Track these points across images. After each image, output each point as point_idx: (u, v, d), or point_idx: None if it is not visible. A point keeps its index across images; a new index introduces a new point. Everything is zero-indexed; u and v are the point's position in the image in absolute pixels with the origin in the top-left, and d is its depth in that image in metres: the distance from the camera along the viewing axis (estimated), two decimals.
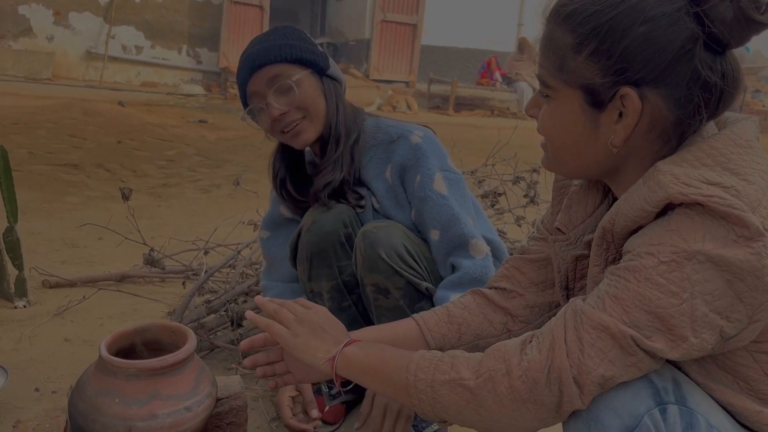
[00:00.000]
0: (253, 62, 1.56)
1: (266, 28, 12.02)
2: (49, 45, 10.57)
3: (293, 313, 1.07)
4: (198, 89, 11.07)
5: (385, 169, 1.63)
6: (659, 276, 0.79)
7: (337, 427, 1.73)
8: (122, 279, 2.73)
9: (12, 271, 2.41)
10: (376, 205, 1.64)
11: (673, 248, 0.78)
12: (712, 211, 0.77)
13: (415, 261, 1.51)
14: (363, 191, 1.65)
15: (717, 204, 0.76)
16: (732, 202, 0.76)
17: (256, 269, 2.58)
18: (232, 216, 3.44)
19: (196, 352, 1.15)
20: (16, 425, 1.17)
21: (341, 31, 15.00)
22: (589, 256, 0.98)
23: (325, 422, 1.72)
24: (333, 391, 1.76)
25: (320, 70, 1.61)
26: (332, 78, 1.64)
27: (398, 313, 1.52)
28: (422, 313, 1.16)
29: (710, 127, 0.89)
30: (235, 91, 10.99)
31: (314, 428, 1.59)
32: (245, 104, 1.62)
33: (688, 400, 0.83)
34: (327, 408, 1.73)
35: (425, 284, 1.51)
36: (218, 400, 1.20)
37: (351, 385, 1.09)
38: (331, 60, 1.66)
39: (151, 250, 2.67)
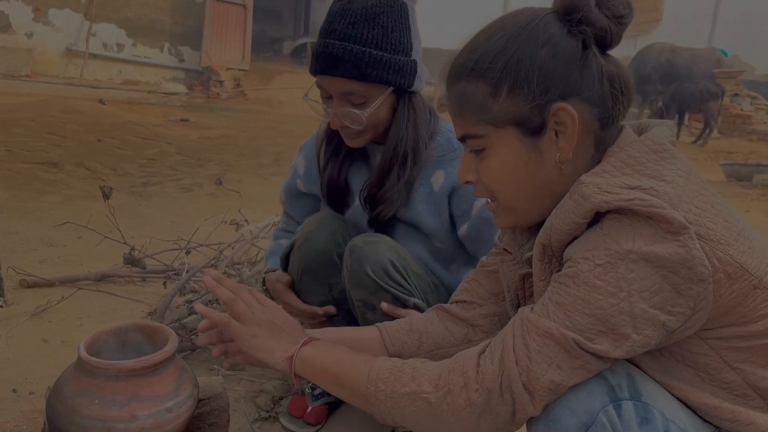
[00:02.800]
0: (332, 63, 1.41)
1: (249, 27, 11.99)
2: (29, 42, 10.43)
3: (249, 308, 1.05)
4: (180, 88, 10.99)
5: (433, 173, 1.54)
6: (596, 278, 0.82)
7: (320, 428, 1.72)
8: (102, 279, 2.70)
9: None
10: (402, 211, 1.55)
11: (606, 251, 0.82)
12: (636, 212, 0.81)
13: (403, 277, 1.48)
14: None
15: (639, 206, 0.80)
16: (652, 202, 0.80)
17: (239, 269, 2.56)
18: (213, 215, 3.42)
19: (178, 353, 1.13)
20: None
21: None
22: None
23: (308, 423, 1.71)
24: (316, 392, 1.76)
25: (403, 89, 1.48)
26: (414, 92, 1.51)
27: None
28: (385, 323, 1.18)
29: (629, 135, 0.94)
30: (218, 90, 10.94)
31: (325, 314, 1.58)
32: (313, 75, 1.49)
33: (643, 395, 0.86)
34: (309, 409, 1.73)
35: (413, 300, 1.48)
36: (200, 401, 1.19)
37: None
38: (419, 66, 1.50)
39: (132, 249, 2.65)
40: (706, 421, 0.91)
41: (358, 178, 1.62)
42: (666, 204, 0.81)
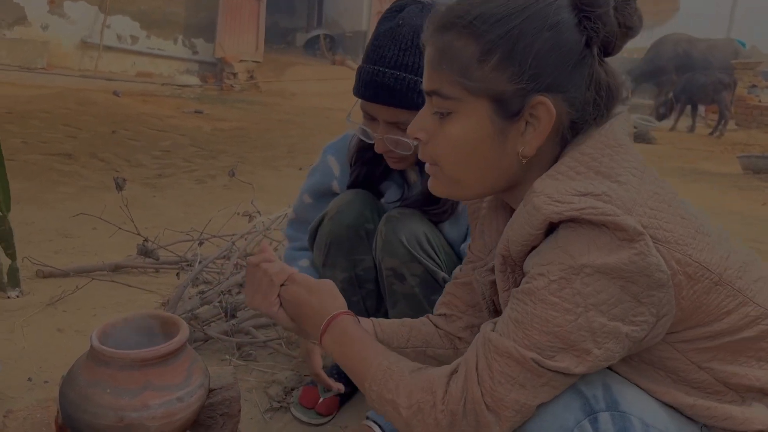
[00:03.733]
0: (382, 92, 1.37)
1: (263, 19, 12.00)
2: (44, 34, 10.50)
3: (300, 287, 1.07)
4: (194, 80, 11.03)
5: None
6: (551, 295, 0.79)
7: (331, 419, 1.73)
8: (116, 269, 2.72)
9: (5, 261, 2.39)
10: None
11: (560, 266, 0.79)
12: (589, 222, 0.78)
13: (434, 251, 1.49)
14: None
15: (591, 215, 0.77)
16: (605, 209, 0.77)
17: None
18: (226, 207, 3.43)
19: (190, 343, 1.14)
20: (7, 415, 1.17)
21: (338, 23, 14.94)
22: None
23: (319, 414, 1.72)
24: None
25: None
26: None
27: (412, 301, 1.51)
28: (381, 319, 1.18)
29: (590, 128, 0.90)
30: (231, 81, 10.96)
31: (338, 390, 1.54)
32: (357, 95, 1.45)
33: (620, 403, 0.83)
34: (321, 400, 1.73)
35: (442, 274, 1.49)
36: (211, 390, 1.20)
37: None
38: None
39: (145, 240, 2.66)
40: (693, 419, 0.90)
41: (392, 192, 1.62)
42: (619, 210, 0.78)
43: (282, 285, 1.07)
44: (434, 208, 1.53)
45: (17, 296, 2.38)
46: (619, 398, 0.84)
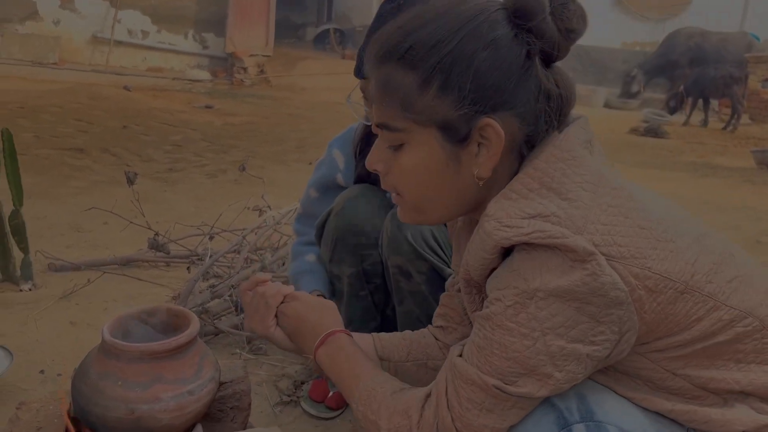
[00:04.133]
0: (366, 50, 1.43)
1: (273, 13, 11.99)
2: (56, 29, 10.56)
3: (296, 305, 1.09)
4: (204, 74, 11.05)
5: None
6: (508, 321, 0.79)
7: (341, 413, 1.73)
8: (127, 263, 2.74)
9: (17, 255, 2.41)
10: None
11: (515, 290, 0.78)
12: (539, 245, 0.77)
13: (441, 247, 1.49)
14: None
15: (539, 239, 0.76)
16: (552, 232, 0.76)
17: (261, 255, 2.58)
18: (237, 201, 3.44)
19: (200, 337, 1.14)
20: (20, 407, 1.18)
21: (348, 17, 14.92)
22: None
23: (329, 408, 1.72)
24: None
25: None
26: None
27: (419, 298, 1.51)
28: (381, 333, 1.19)
29: (548, 138, 0.88)
30: (241, 76, 10.98)
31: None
32: (357, 76, 1.47)
33: (595, 413, 0.82)
34: (330, 394, 1.73)
35: (449, 270, 1.48)
36: (221, 384, 1.20)
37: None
38: None
39: (156, 234, 2.68)
40: (675, 422, 0.88)
41: None
42: (568, 231, 0.76)
43: (282, 302, 1.10)
44: None
45: (30, 289, 2.40)
46: (595, 408, 0.82)
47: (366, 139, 1.63)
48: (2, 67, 8.80)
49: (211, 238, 2.75)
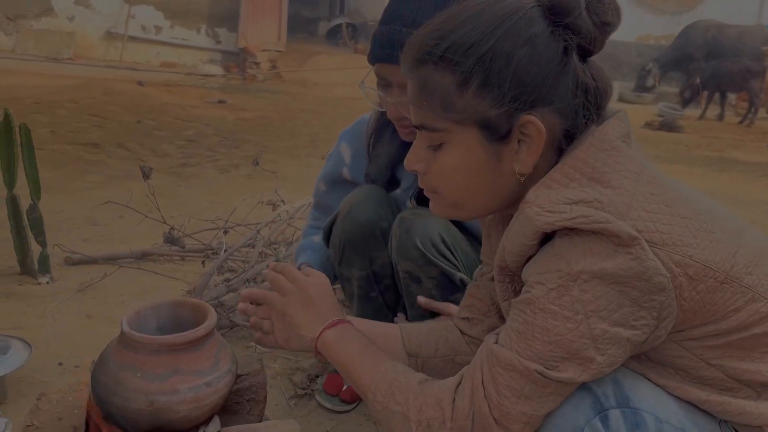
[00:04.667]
0: (395, 49, 1.32)
1: (285, 8, 11.99)
2: (70, 25, 10.62)
3: (291, 280, 1.07)
4: (217, 69, 11.08)
5: None
6: (551, 304, 0.79)
7: (355, 407, 1.74)
8: (143, 257, 2.76)
9: (35, 248, 2.44)
10: None
11: (558, 273, 0.78)
12: (582, 230, 0.77)
13: (451, 252, 1.47)
14: None
15: (583, 224, 0.77)
16: (596, 217, 0.76)
17: (275, 249, 2.59)
18: (251, 196, 3.45)
19: (216, 330, 1.15)
20: (40, 398, 1.19)
21: (360, 12, 14.89)
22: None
23: (343, 401, 1.73)
24: None
25: None
26: None
27: None
28: (406, 324, 1.18)
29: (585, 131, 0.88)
30: (254, 71, 11.00)
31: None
32: (371, 62, 1.43)
33: (631, 400, 0.82)
34: (345, 387, 1.74)
35: (459, 275, 1.47)
36: (238, 376, 1.21)
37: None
38: None
39: (171, 228, 2.70)
40: (709, 413, 0.88)
41: (409, 175, 1.60)
42: (611, 216, 0.77)
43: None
44: None
45: (47, 282, 2.43)
46: (631, 394, 0.83)
47: (378, 133, 1.61)
48: (18, 63, 8.87)
49: (225, 232, 2.77)
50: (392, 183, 1.62)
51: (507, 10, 0.83)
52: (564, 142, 0.87)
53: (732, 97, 11.89)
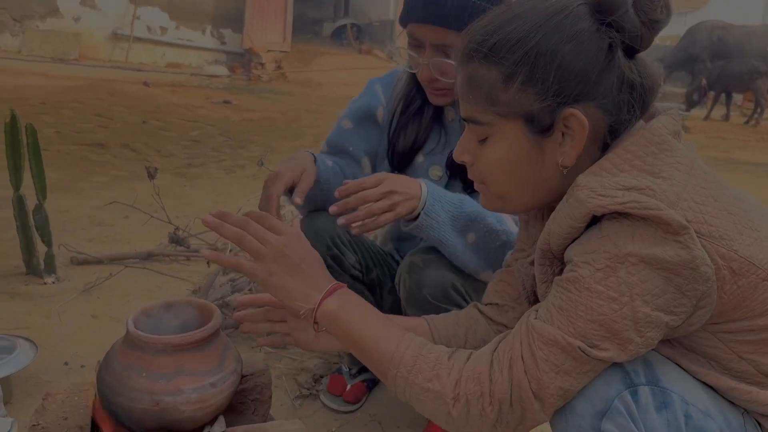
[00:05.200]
0: (431, 10, 1.31)
1: (290, 9, 12.01)
2: (76, 26, 10.67)
3: (261, 241, 0.97)
4: (222, 70, 11.11)
5: None
6: (596, 283, 0.80)
7: (359, 407, 1.74)
8: (148, 257, 2.77)
9: (41, 248, 2.45)
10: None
11: (605, 254, 0.80)
12: (633, 215, 0.79)
13: (463, 297, 1.39)
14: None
15: (634, 208, 0.78)
16: (648, 203, 0.78)
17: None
18: (255, 196, 3.45)
19: (222, 330, 1.15)
20: (46, 398, 1.20)
21: (365, 12, 14.91)
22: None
23: (347, 401, 1.73)
24: (353, 370, 1.77)
25: None
26: None
27: None
28: (432, 315, 1.15)
29: (634, 125, 0.90)
30: (259, 72, 11.02)
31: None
32: (403, 22, 1.39)
33: (661, 380, 0.84)
34: (348, 387, 1.74)
35: None
36: (243, 377, 1.21)
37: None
38: None
39: (176, 229, 2.70)
40: (733, 404, 0.89)
41: (430, 143, 1.53)
42: (663, 204, 0.78)
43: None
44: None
45: (53, 282, 2.44)
46: (660, 375, 0.84)
47: (407, 100, 1.52)
48: (24, 64, 8.91)
49: None
50: (416, 151, 1.54)
51: (554, 8, 0.86)
52: (608, 137, 0.89)
53: (738, 97, 11.86)
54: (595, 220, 0.83)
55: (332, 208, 1.23)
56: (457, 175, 1.48)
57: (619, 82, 0.86)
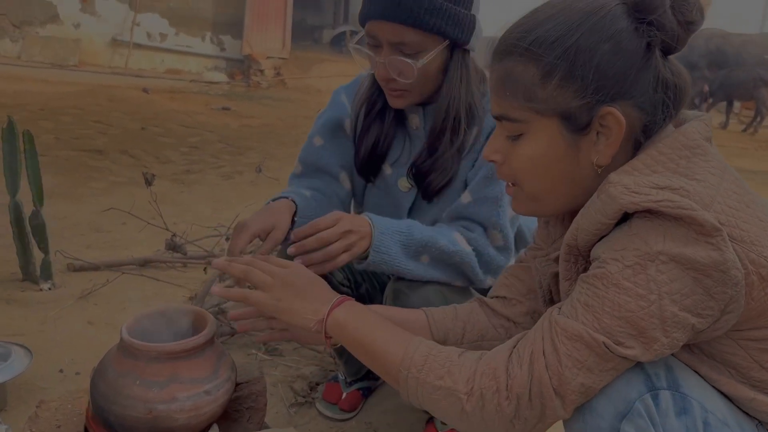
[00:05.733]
0: (387, 6, 1.29)
1: (290, 16, 12.04)
2: (76, 32, 10.68)
3: (269, 275, 1.02)
4: (221, 76, 11.12)
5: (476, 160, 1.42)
6: (625, 280, 0.80)
7: (355, 415, 1.74)
8: (145, 264, 2.77)
9: (38, 254, 2.45)
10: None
11: (635, 252, 0.80)
12: (665, 214, 0.79)
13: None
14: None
15: (668, 207, 0.78)
16: (682, 203, 0.78)
17: (275, 255, 2.59)
18: (253, 203, 3.46)
19: (217, 337, 1.15)
20: (40, 405, 1.20)
21: None
22: None
23: (342, 410, 1.72)
24: (349, 378, 1.77)
25: (459, 44, 1.36)
26: (468, 50, 1.39)
27: None
28: (431, 308, 1.16)
29: (665, 129, 0.90)
30: (258, 78, 11.04)
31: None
32: (362, 21, 1.36)
33: (681, 385, 0.84)
34: (344, 395, 1.74)
35: None
36: (237, 384, 1.21)
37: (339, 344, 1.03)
38: (478, 23, 1.37)
39: (174, 235, 2.70)
40: (748, 415, 0.89)
41: (394, 151, 1.50)
42: (696, 205, 0.78)
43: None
44: (432, 178, 1.42)
45: (49, 289, 2.43)
46: (681, 380, 0.85)
47: (370, 102, 1.49)
48: (23, 70, 8.92)
49: (227, 239, 2.78)
50: (382, 158, 1.51)
51: (592, 7, 0.86)
52: (642, 136, 0.89)
53: (736, 105, 11.89)
54: (623, 220, 0.84)
55: (290, 250, 1.22)
56: (421, 185, 1.44)
57: (655, 82, 0.87)
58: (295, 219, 1.37)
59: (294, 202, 1.37)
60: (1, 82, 7.56)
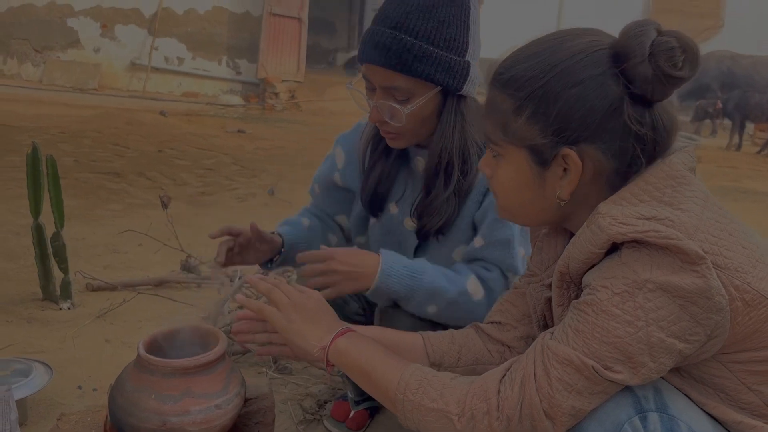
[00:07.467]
0: (378, 52, 1.31)
1: (304, 40, 12.22)
2: (96, 56, 10.92)
3: (287, 296, 1.09)
4: (237, 100, 11.29)
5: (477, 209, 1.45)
6: (614, 307, 0.83)
7: None
8: (160, 284, 2.83)
9: (58, 275, 2.52)
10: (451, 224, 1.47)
11: (624, 280, 0.84)
12: (652, 244, 0.82)
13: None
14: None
15: (654, 237, 0.82)
16: (668, 233, 0.81)
17: (289, 276, 2.65)
18: (266, 225, 3.52)
19: (229, 355, 1.21)
20: (60, 418, 1.26)
21: None
22: None
23: (349, 429, 1.76)
24: (357, 397, 1.81)
25: (451, 90, 1.37)
26: (464, 96, 1.40)
27: None
28: (428, 332, 1.20)
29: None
30: (273, 101, 11.19)
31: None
32: (359, 60, 1.40)
33: (669, 407, 0.87)
34: (351, 414, 1.78)
35: None
36: (247, 400, 1.26)
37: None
38: (473, 68, 1.38)
39: (189, 256, 2.77)
40: None
41: (398, 183, 1.55)
42: (682, 234, 0.81)
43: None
44: (426, 220, 1.45)
45: (69, 308, 2.51)
46: (669, 403, 0.87)
47: (375, 141, 1.53)
48: (45, 94, 9.14)
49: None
50: (387, 195, 1.55)
51: (572, 51, 0.90)
52: (616, 177, 0.92)
53: (750, 127, 11.86)
54: (614, 248, 0.87)
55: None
56: (424, 224, 1.47)
57: (625, 131, 0.89)
58: (283, 250, 1.62)
59: (280, 234, 1.62)
60: (24, 106, 7.76)
